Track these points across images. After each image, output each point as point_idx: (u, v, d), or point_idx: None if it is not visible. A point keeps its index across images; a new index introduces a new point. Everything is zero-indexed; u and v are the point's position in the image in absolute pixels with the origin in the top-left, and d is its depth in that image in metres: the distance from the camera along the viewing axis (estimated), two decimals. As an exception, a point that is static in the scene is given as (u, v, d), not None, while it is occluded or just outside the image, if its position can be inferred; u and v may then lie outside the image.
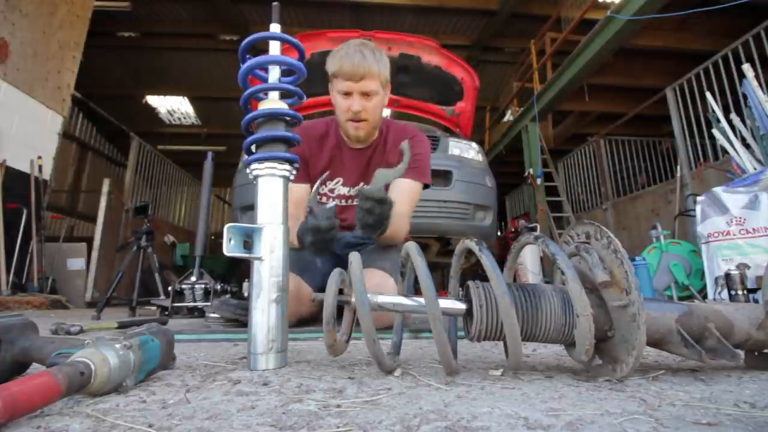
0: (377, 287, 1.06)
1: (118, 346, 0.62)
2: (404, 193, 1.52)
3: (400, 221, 1.47)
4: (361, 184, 1.61)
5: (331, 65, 1.49)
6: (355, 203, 1.59)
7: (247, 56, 0.92)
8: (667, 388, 0.67)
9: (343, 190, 1.66)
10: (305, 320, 1.59)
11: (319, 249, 1.16)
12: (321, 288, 1.52)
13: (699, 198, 3.17)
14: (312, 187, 1.58)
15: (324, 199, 1.65)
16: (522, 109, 7.01)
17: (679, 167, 4.75)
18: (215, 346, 1.21)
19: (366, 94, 1.48)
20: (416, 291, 0.83)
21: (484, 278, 0.74)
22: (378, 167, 1.18)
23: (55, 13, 4.57)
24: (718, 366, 0.86)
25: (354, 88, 1.46)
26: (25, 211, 4.03)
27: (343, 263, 1.62)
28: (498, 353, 1.04)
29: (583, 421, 0.50)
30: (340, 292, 0.78)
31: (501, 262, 0.78)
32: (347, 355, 0.98)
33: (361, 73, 1.43)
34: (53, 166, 4.58)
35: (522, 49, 7.56)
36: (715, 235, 2.97)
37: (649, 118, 6.44)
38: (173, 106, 9.92)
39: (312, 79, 1.63)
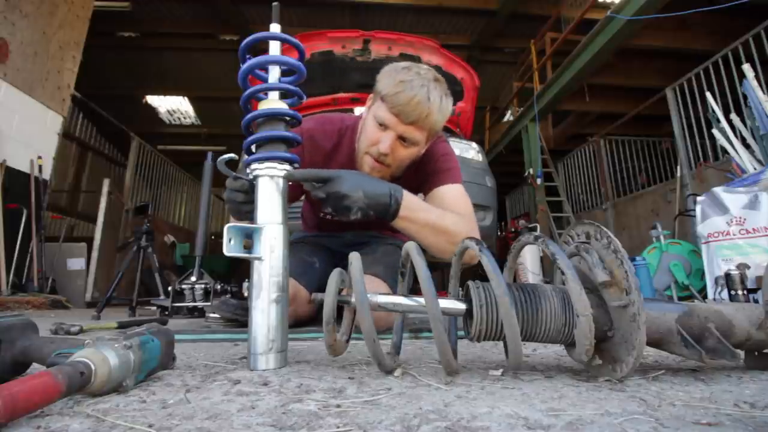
0: None
1: (118, 346, 0.62)
2: (456, 197, 1.28)
3: (459, 221, 1.13)
4: None
5: (385, 84, 1.15)
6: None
7: (247, 56, 0.92)
8: (667, 388, 0.67)
9: None
10: (303, 321, 1.59)
11: (237, 213, 1.00)
12: (319, 290, 1.52)
13: (699, 198, 3.17)
14: (303, 194, 1.42)
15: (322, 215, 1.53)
16: (522, 109, 7.01)
17: (679, 167, 4.75)
18: (215, 346, 1.21)
19: (404, 139, 1.15)
20: (416, 291, 0.83)
21: (484, 278, 0.74)
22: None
23: (55, 13, 4.57)
24: (718, 366, 0.86)
25: (397, 127, 1.13)
26: (25, 211, 4.03)
27: (342, 265, 1.56)
28: (498, 353, 1.04)
29: (583, 421, 0.50)
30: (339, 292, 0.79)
31: (501, 262, 0.78)
32: (347, 355, 0.98)
33: (416, 116, 1.11)
34: (53, 166, 4.58)
35: (522, 49, 7.56)
36: (715, 235, 2.97)
37: (649, 118, 6.44)
38: (173, 106, 9.93)
39: (312, 78, 1.59)
